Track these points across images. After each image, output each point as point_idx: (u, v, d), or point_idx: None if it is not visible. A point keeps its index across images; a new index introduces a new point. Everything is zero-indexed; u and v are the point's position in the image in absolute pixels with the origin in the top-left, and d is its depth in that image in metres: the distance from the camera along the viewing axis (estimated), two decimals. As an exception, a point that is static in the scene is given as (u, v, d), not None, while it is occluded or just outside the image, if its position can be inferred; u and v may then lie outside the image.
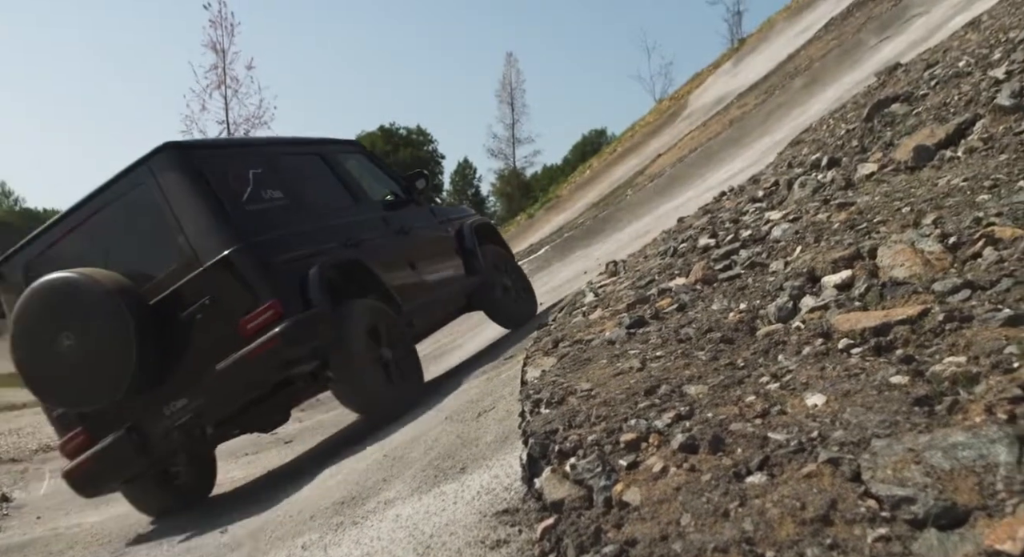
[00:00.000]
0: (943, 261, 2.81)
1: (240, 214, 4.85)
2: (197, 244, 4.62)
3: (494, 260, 7.07)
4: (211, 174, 4.86)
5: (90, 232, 4.85)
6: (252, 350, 4.46)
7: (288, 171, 5.59)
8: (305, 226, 5.25)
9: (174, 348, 4.60)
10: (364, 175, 6.51)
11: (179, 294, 4.61)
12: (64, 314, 4.45)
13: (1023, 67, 5.33)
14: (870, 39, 15.91)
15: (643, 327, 3.49)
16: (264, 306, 4.53)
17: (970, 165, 4.09)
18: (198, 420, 4.61)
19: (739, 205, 6.21)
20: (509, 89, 52.58)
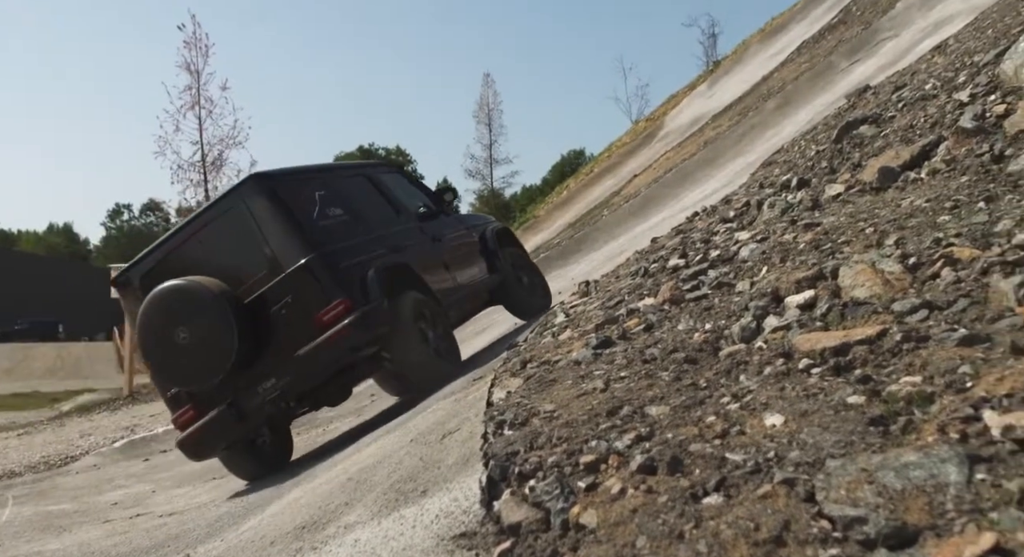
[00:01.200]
0: (903, 281, 2.83)
1: (312, 229, 5.98)
2: (280, 254, 5.78)
3: (512, 260, 8.12)
4: (288, 198, 6.01)
5: (193, 247, 6.00)
6: (327, 338, 5.58)
7: (344, 192, 6.73)
8: (360, 236, 6.35)
9: (264, 338, 5.70)
10: (402, 191, 7.62)
11: (267, 295, 5.74)
12: (179, 313, 5.59)
13: (986, 90, 5.42)
14: (841, 62, 16.15)
15: (610, 348, 3.49)
16: (335, 302, 5.63)
17: (933, 186, 4.14)
18: (284, 396, 5.74)
19: (710, 225, 6.25)
20: (487, 110, 52.84)
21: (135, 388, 17.81)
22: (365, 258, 6.09)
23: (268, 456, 6.31)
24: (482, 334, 9.52)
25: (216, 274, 5.79)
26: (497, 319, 9.54)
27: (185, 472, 7.67)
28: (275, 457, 6.33)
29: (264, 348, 5.71)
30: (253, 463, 6.19)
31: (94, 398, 19.20)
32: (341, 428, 7.43)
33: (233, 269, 5.88)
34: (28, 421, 17.52)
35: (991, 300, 2.45)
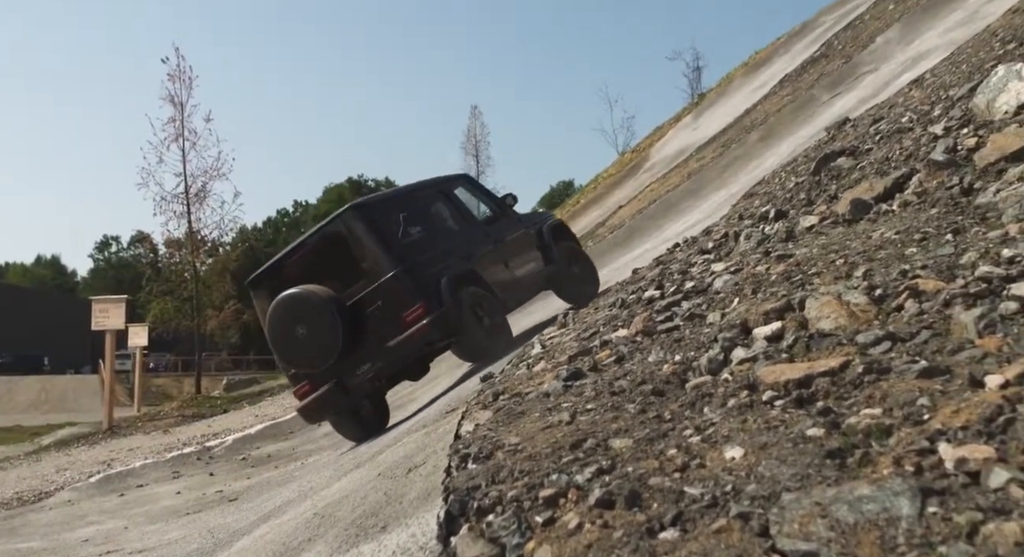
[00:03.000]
0: (868, 313, 2.84)
1: (398, 246, 7.54)
2: (373, 268, 7.39)
3: (566, 253, 9.32)
4: (379, 222, 7.60)
5: (307, 259, 7.67)
6: (410, 334, 7.22)
7: (423, 209, 8.27)
8: (436, 249, 7.86)
9: (362, 332, 7.30)
10: (470, 199, 9.09)
11: (364, 299, 7.37)
12: (299, 314, 7.27)
13: (959, 123, 5.48)
14: (822, 95, 16.33)
15: (580, 379, 3.47)
16: (416, 306, 7.22)
17: (903, 218, 4.17)
18: (377, 376, 7.48)
19: (689, 256, 6.26)
20: (474, 141, 53.12)
21: (115, 421, 17.59)
22: (439, 268, 7.60)
23: (369, 422, 7.94)
24: (437, 388, 9.51)
25: (324, 282, 7.43)
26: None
27: (159, 508, 7.56)
28: (375, 423, 7.97)
29: (362, 340, 7.32)
30: (357, 428, 7.87)
31: (74, 432, 18.95)
32: (320, 461, 7.35)
33: (337, 278, 7.48)
34: (5, 456, 17.27)
35: (952, 332, 2.45)
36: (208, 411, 17.55)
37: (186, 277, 26.75)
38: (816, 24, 26.80)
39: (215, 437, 12.17)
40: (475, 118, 54.44)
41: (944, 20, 15.27)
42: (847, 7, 25.70)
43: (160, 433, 15.14)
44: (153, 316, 28.28)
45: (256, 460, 9.15)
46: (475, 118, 54.44)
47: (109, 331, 17.33)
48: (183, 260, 27.09)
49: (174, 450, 11.26)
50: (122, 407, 25.37)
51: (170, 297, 27.82)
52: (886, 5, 21.68)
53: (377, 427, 7.83)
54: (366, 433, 7.72)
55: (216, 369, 40.33)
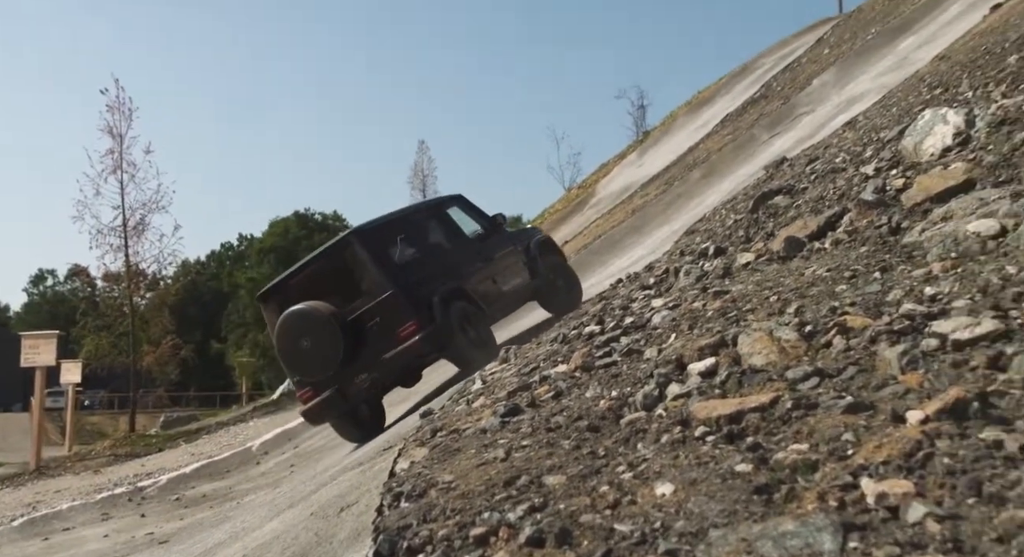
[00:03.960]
0: (798, 349, 2.88)
1: (393, 268, 8.24)
2: (371, 287, 8.07)
3: (551, 267, 10.02)
4: (377, 245, 8.33)
5: (311, 279, 8.35)
6: (404, 348, 7.87)
7: (418, 232, 9.01)
8: (429, 268, 8.54)
9: (361, 345, 7.95)
10: (462, 219, 9.68)
11: (363, 315, 8.01)
12: (304, 328, 7.98)
13: (889, 164, 5.64)
14: (762, 135, 16.76)
15: (517, 415, 3.45)
16: (410, 323, 7.87)
17: (835, 256, 4.26)
18: (374, 385, 8.15)
19: (631, 292, 6.30)
20: (421, 176, 52.98)
21: (43, 462, 16.94)
22: (431, 287, 8.23)
23: (367, 425, 8.54)
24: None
25: (327, 298, 8.11)
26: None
27: (84, 553, 7.26)
28: (372, 425, 8.51)
29: (360, 352, 7.97)
30: (356, 429, 8.51)
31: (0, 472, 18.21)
32: (256, 500, 7.18)
33: (339, 295, 8.16)
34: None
35: (878, 368, 2.50)
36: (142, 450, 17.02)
37: (124, 311, 26.08)
38: (756, 66, 27.59)
39: (148, 477, 11.80)
40: (422, 153, 54.24)
41: (876, 65, 15.85)
42: (785, 50, 26.53)
43: (90, 473, 14.63)
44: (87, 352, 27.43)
45: (190, 500, 8.89)
46: (422, 153, 54.24)
47: (39, 368, 16.76)
48: (121, 294, 26.43)
49: (104, 491, 10.87)
50: (53, 446, 24.48)
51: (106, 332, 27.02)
52: (822, 49, 22.44)
53: (374, 429, 8.38)
54: (364, 434, 8.30)
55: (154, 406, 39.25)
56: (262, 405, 21.06)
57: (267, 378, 46.52)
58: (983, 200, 3.79)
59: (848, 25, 23.42)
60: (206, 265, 62.01)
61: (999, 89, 5.54)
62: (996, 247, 3.28)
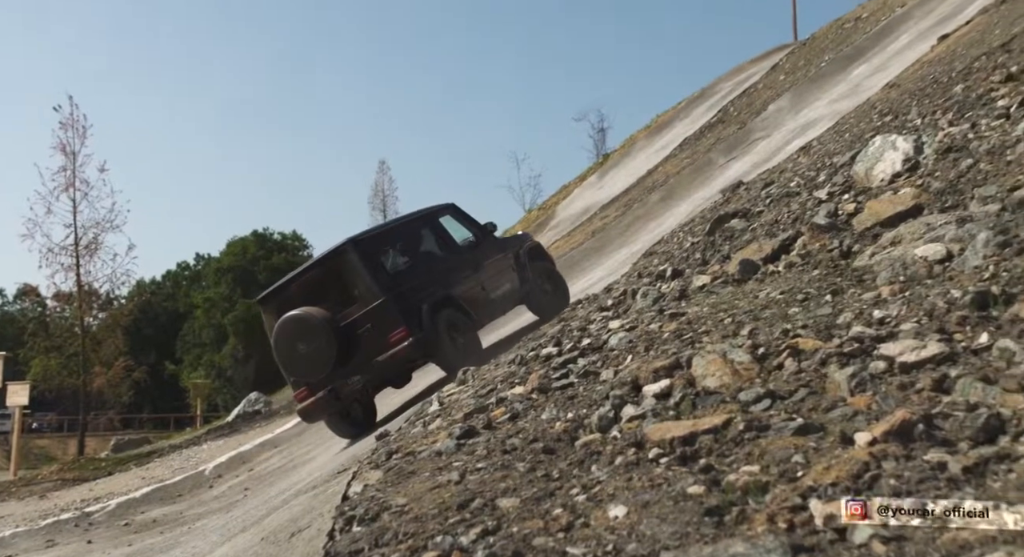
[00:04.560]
0: (751, 371, 2.91)
1: (385, 276, 8.66)
2: (363, 295, 8.45)
3: (540, 272, 10.44)
4: (370, 255, 8.72)
5: (308, 285, 8.80)
6: (394, 352, 8.27)
7: (410, 242, 9.54)
8: (419, 276, 8.95)
9: (353, 349, 8.37)
10: (453, 228, 10.06)
11: (356, 321, 8.39)
12: (299, 332, 8.40)
13: (841, 189, 5.76)
14: (719, 159, 17.01)
15: (473, 438, 3.44)
16: (399, 329, 8.26)
17: (788, 279, 4.32)
18: (366, 386, 8.60)
19: (589, 313, 6.33)
20: (382, 196, 52.74)
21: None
22: (421, 295, 8.61)
23: (359, 422, 8.97)
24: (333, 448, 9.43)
25: (322, 304, 8.48)
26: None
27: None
28: (364, 423, 8.95)
29: (353, 355, 8.37)
30: (349, 427, 8.91)
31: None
32: (208, 525, 7.03)
33: (334, 301, 8.54)
34: None
35: (827, 390, 2.54)
36: (91, 474, 16.56)
37: (75, 332, 25.51)
38: (714, 91, 28.05)
39: (96, 501, 11.49)
40: (383, 173, 54.06)
41: (829, 92, 16.21)
42: (742, 76, 27.01)
43: (36, 498, 14.19)
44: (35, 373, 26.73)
45: (140, 525, 8.67)
46: (383, 173, 54.06)
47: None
48: (72, 314, 25.86)
49: (50, 517, 10.56)
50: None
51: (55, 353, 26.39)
52: (777, 75, 22.90)
53: (366, 426, 8.83)
54: (357, 431, 8.78)
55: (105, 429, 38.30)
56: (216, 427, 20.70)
57: (222, 400, 45.74)
58: (930, 225, 3.88)
59: (802, 52, 23.95)
60: (162, 285, 60.93)
61: (946, 117, 5.69)
62: (942, 271, 3.35)
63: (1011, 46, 6.28)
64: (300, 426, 12.77)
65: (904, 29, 17.82)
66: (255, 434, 15.00)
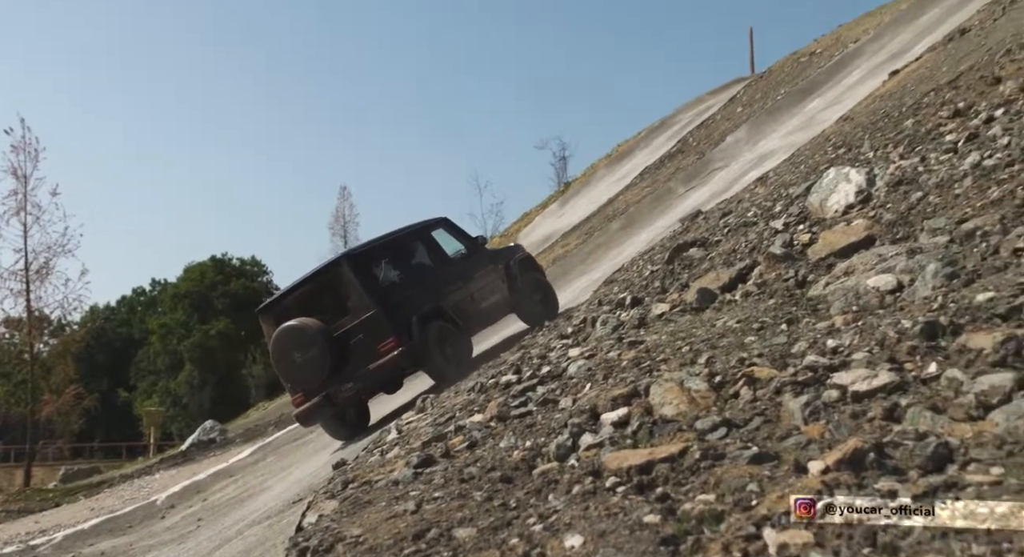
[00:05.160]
0: (708, 399, 2.93)
1: (378, 290, 9.04)
2: (357, 307, 8.86)
3: (530, 282, 10.78)
4: (364, 269, 9.16)
5: (304, 297, 9.24)
6: (384, 362, 8.68)
7: (403, 255, 9.87)
8: (411, 288, 9.34)
9: (346, 358, 8.78)
10: (445, 241, 10.44)
11: (349, 331, 8.81)
12: (296, 342, 8.85)
13: (797, 220, 5.86)
14: (679, 188, 17.22)
15: (431, 466, 3.41)
16: (390, 340, 8.66)
17: (744, 308, 4.38)
18: (359, 393, 8.97)
19: (549, 341, 6.34)
20: (342, 221, 52.36)
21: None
22: (411, 306, 9.02)
23: (353, 425, 9.31)
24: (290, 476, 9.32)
25: (317, 315, 8.91)
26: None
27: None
28: (357, 426, 9.32)
29: (346, 364, 8.78)
30: (343, 429, 9.24)
31: None
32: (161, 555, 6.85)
33: (329, 313, 8.97)
34: None
35: (782, 418, 2.56)
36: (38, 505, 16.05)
37: (24, 358, 24.85)
38: (674, 121, 28.45)
39: (42, 534, 11.13)
40: (344, 199, 53.65)
41: (785, 124, 16.54)
42: (701, 107, 27.46)
43: (-20, 531, 13.75)
44: (-23, 402, 25.95)
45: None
46: (344, 199, 53.65)
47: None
48: (21, 341, 25.19)
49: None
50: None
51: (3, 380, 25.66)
52: (735, 107, 23.33)
53: (360, 428, 9.26)
54: (350, 433, 9.14)
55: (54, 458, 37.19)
56: (170, 456, 20.23)
57: (177, 428, 44.81)
58: (882, 256, 3.96)
59: (759, 85, 24.44)
60: (116, 310, 59.72)
61: (897, 151, 5.84)
62: (893, 301, 3.42)
63: (958, 83, 6.47)
64: (256, 455, 12.58)
65: (857, 64, 18.29)
66: (210, 463, 14.69)
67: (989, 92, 5.70)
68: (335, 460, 5.45)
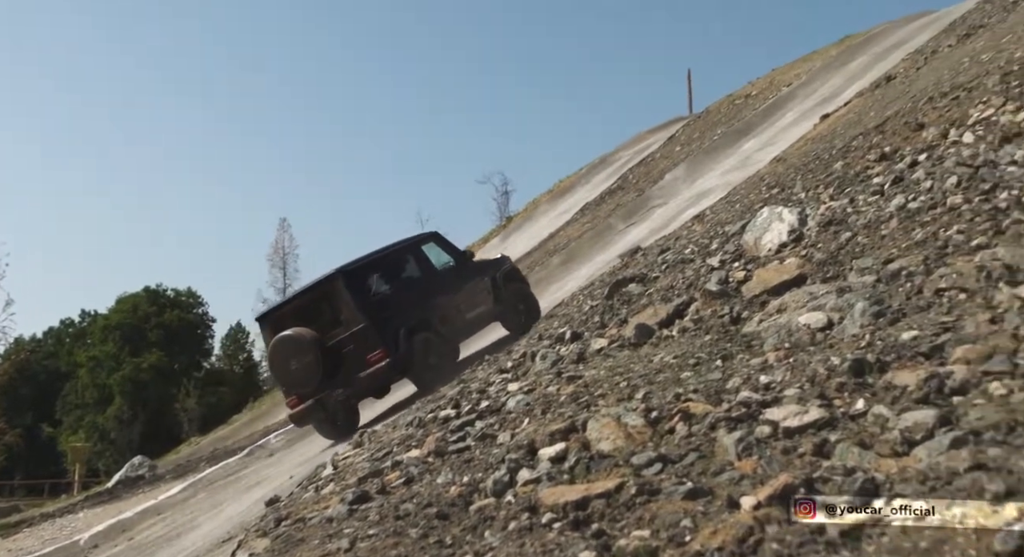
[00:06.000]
0: (644, 435, 2.96)
1: (368, 303, 9.80)
2: (349, 319, 9.62)
3: (513, 293, 11.49)
4: (356, 283, 9.89)
5: (301, 308, 10.04)
6: (373, 371, 9.48)
7: (393, 269, 10.68)
8: (399, 302, 10.06)
9: (338, 366, 9.50)
10: (434, 254, 11.14)
11: (341, 342, 9.56)
12: (291, 350, 9.55)
13: (732, 257, 5.98)
14: (618, 224, 17.46)
15: (366, 503, 3.36)
16: (378, 351, 9.43)
17: (681, 344, 4.44)
18: (349, 399, 9.71)
19: (489, 375, 6.32)
20: (282, 253, 51.67)
21: None
22: (400, 320, 9.75)
23: (343, 427, 9.78)
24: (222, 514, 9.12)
25: (312, 326, 9.61)
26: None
27: None
28: (347, 428, 9.69)
29: (338, 371, 9.50)
30: (334, 431, 9.82)
31: None
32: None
33: (323, 324, 9.72)
34: None
35: (716, 454, 2.60)
36: (-48, 546, 15.32)
37: (-57, 391, 23.87)
38: (614, 158, 28.93)
39: (-44, 576, 10.62)
40: (284, 230, 53.05)
41: (722, 163, 16.96)
42: (641, 145, 27.99)
43: None
44: None
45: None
46: (284, 230, 53.05)
47: None
48: (-59, 374, 24.22)
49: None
50: None
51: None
52: (674, 146, 23.85)
53: (349, 429, 9.60)
54: (340, 433, 9.64)
55: (-28, 497, 35.67)
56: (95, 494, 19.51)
57: (104, 464, 43.25)
58: (813, 294, 4.06)
59: (697, 125, 25.05)
60: (43, 342, 57.70)
61: (827, 192, 6.02)
62: (824, 339, 3.51)
63: (884, 128, 6.73)
64: (186, 491, 12.22)
65: (790, 107, 18.90)
66: (137, 500, 14.20)
67: (913, 137, 5.94)
68: (268, 497, 5.33)
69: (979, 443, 2.09)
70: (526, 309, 11.57)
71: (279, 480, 8.45)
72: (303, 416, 10.00)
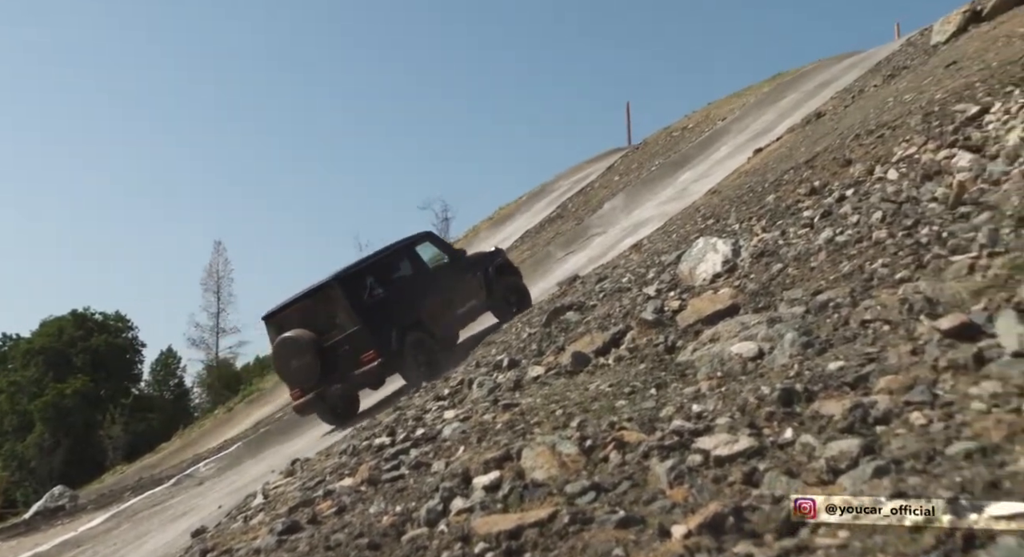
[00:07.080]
0: (578, 463, 2.97)
1: (362, 306, 10.68)
2: (344, 322, 10.58)
3: (505, 286, 12.48)
4: (352, 287, 10.77)
5: (302, 310, 10.90)
6: (367, 369, 10.47)
7: (387, 273, 11.39)
8: (393, 304, 10.91)
9: (335, 365, 10.50)
10: (427, 253, 12.15)
11: (337, 342, 10.53)
12: (293, 350, 10.71)
13: (668, 286, 6.06)
14: (558, 252, 17.58)
15: (296, 533, 3.29)
16: (371, 351, 10.37)
17: (617, 372, 4.48)
18: (346, 393, 10.98)
19: (426, 402, 6.28)
20: (216, 277, 50.50)
21: None
22: (392, 321, 10.67)
23: (342, 415, 11.08)
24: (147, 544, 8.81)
25: (312, 327, 10.64)
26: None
27: None
28: (347, 415, 11.06)
29: (335, 370, 10.52)
30: (334, 419, 11.03)
31: None
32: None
33: (321, 326, 10.68)
34: None
35: (649, 482, 2.62)
36: None
37: None
38: (554, 187, 29.17)
39: None
40: (219, 254, 51.87)
41: (659, 194, 17.26)
42: (580, 174, 28.30)
43: None
44: None
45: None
46: (219, 254, 51.87)
47: None
48: None
49: None
50: None
51: None
52: (612, 176, 24.19)
53: (349, 416, 10.96)
54: (340, 420, 10.91)
55: None
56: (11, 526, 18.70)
57: (23, 494, 41.47)
58: (744, 324, 4.14)
59: (635, 156, 25.45)
60: (-40, 366, 55.39)
61: (760, 224, 6.17)
62: (755, 368, 3.57)
63: (814, 163, 6.93)
64: (109, 522, 11.80)
65: (725, 140, 19.36)
66: (56, 532, 13.64)
67: (841, 173, 6.13)
68: (195, 527, 5.18)
69: (900, 472, 2.15)
70: (517, 301, 12.38)
71: (207, 510, 8.22)
72: (304, 408, 11.15)
